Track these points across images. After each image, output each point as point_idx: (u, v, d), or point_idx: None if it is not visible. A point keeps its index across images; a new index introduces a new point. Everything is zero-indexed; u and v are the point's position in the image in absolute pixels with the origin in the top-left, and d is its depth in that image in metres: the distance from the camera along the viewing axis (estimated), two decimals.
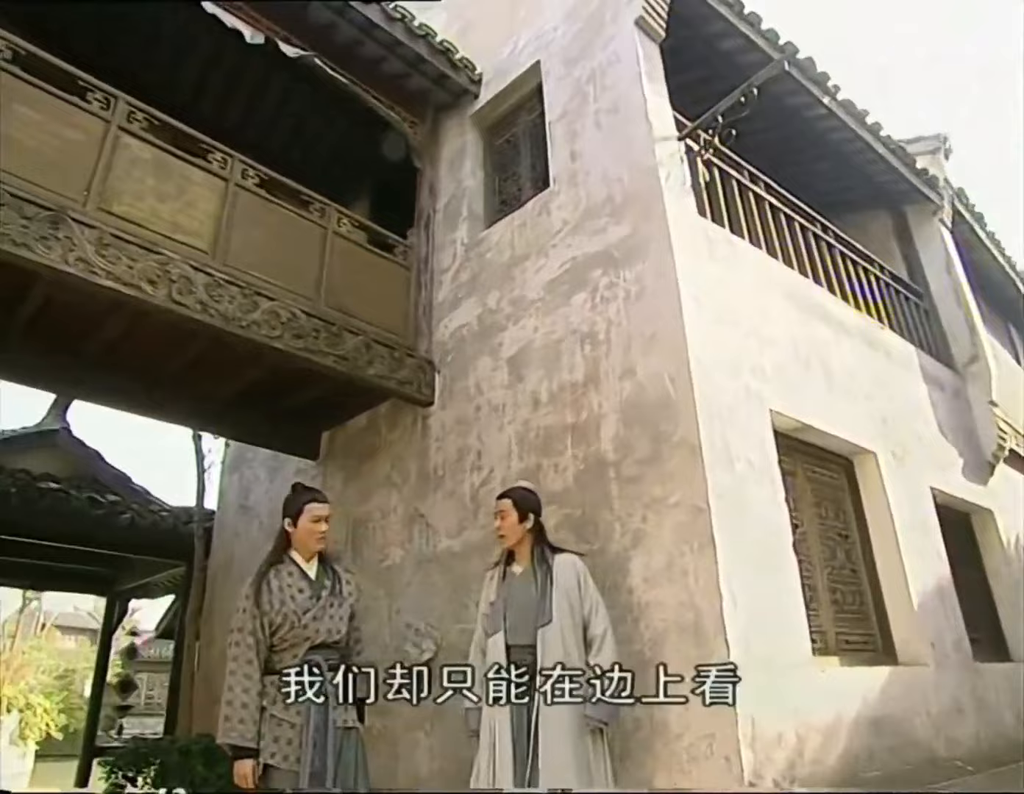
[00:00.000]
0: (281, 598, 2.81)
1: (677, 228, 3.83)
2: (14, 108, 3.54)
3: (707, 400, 3.50)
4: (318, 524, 2.94)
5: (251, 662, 2.69)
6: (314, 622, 2.82)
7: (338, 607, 2.95)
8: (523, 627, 3.06)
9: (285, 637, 2.78)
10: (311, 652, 2.79)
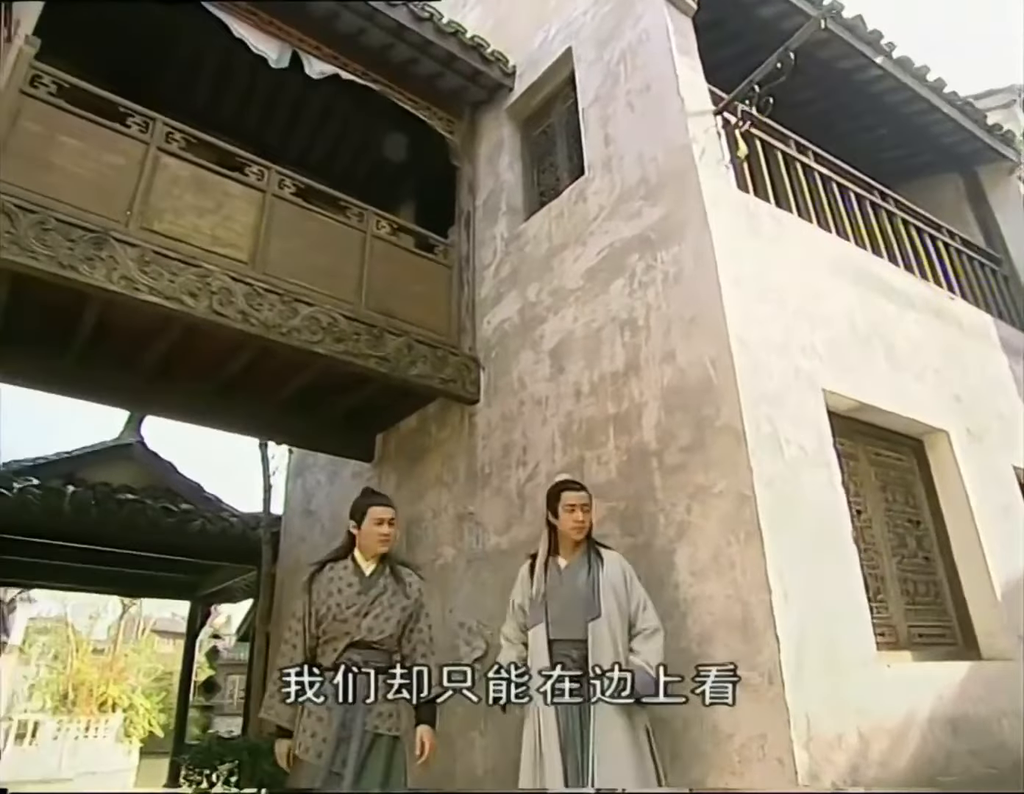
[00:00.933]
0: (329, 590, 2.88)
1: (714, 205, 3.66)
2: (59, 139, 3.71)
3: (751, 383, 3.32)
4: (380, 526, 2.99)
5: (295, 647, 2.82)
6: (355, 617, 2.82)
7: (389, 607, 2.94)
8: (570, 621, 2.99)
9: (326, 630, 2.82)
10: (352, 650, 2.79)
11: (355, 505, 3.12)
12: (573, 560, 3.14)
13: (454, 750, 4.31)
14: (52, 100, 3.74)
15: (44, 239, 3.45)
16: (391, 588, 3.01)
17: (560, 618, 3.01)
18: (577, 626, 2.97)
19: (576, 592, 3.04)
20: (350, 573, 2.95)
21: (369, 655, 2.83)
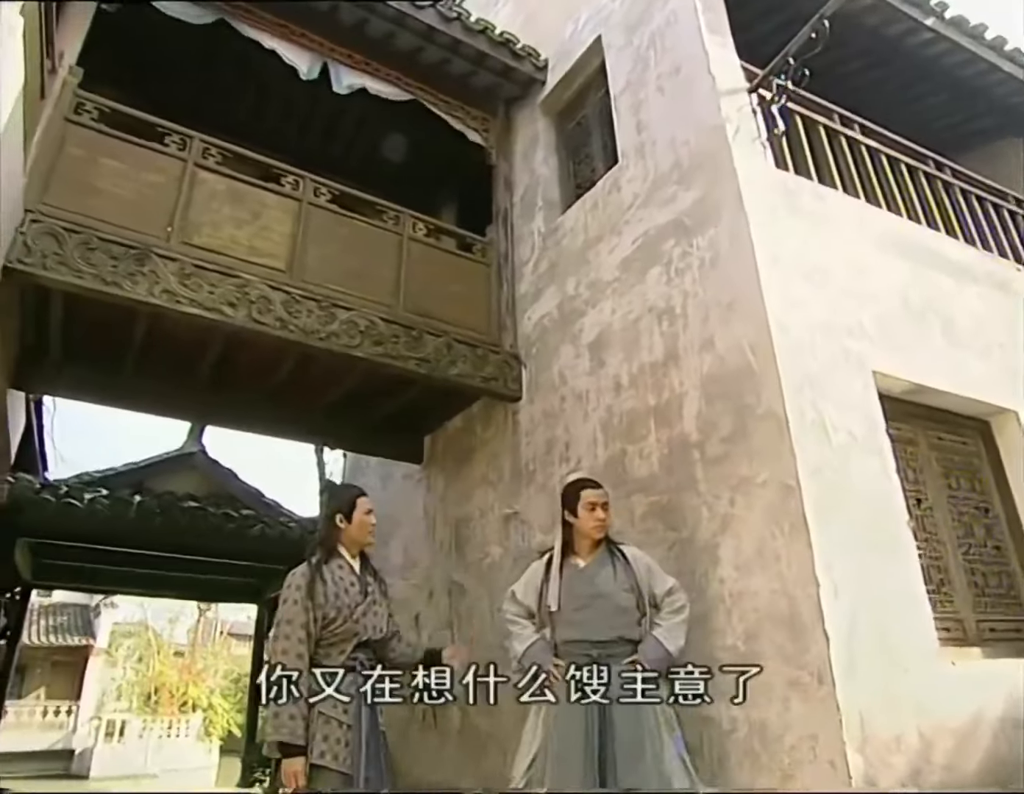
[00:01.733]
0: (335, 591, 2.77)
1: (749, 185, 3.52)
2: (101, 161, 3.86)
3: (794, 367, 3.18)
4: (369, 516, 2.97)
5: (301, 656, 2.62)
6: (364, 618, 2.80)
7: (379, 605, 2.92)
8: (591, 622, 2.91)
9: (336, 632, 2.73)
10: (356, 650, 2.76)
11: (340, 498, 3.06)
12: (592, 560, 3.06)
13: (505, 749, 4.28)
14: (94, 125, 3.89)
15: (89, 258, 3.58)
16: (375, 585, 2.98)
17: (579, 619, 2.94)
18: (600, 627, 2.90)
19: (599, 592, 2.96)
20: (347, 572, 2.88)
21: (369, 652, 2.83)
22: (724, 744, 2.98)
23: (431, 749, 5.04)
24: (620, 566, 3.01)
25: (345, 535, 2.92)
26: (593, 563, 3.02)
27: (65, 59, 3.88)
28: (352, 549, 2.93)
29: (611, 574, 2.99)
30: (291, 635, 2.65)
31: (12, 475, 6.28)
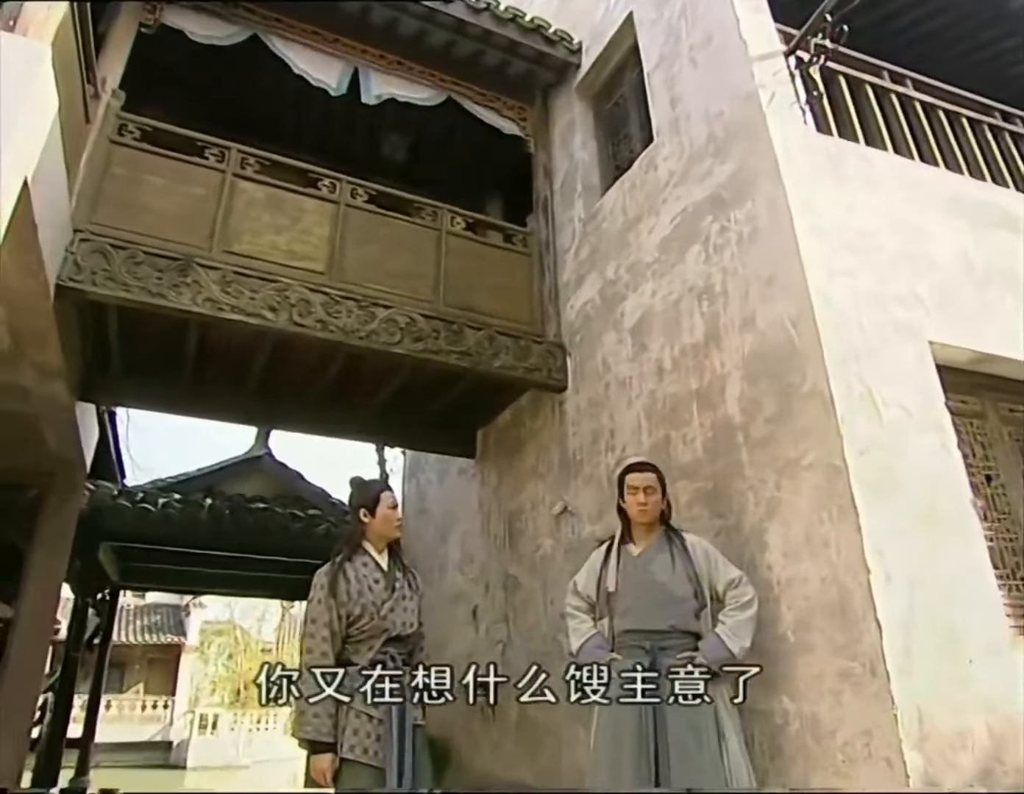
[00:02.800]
0: (359, 588, 2.77)
1: (787, 153, 3.34)
2: (144, 178, 4.01)
3: (839, 341, 3.00)
4: (394, 510, 2.96)
5: (326, 654, 2.65)
6: (391, 614, 2.79)
7: (410, 600, 2.91)
8: (645, 611, 2.83)
9: (363, 629, 2.74)
10: (386, 645, 2.76)
11: (361, 492, 3.03)
12: (647, 547, 2.98)
13: (560, 743, 4.24)
14: (137, 145, 4.04)
15: (135, 272, 3.73)
16: (404, 580, 2.96)
17: (633, 608, 2.87)
18: (653, 616, 2.81)
19: (653, 581, 2.87)
20: (372, 569, 2.87)
21: (399, 647, 2.81)
22: (776, 739, 2.85)
23: (491, 742, 5.05)
24: (678, 553, 2.90)
25: (370, 530, 2.92)
26: (648, 550, 2.94)
27: (108, 84, 4.05)
28: (378, 544, 2.93)
29: (668, 561, 2.89)
30: (315, 634, 2.69)
31: (93, 483, 6.64)
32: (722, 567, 2.90)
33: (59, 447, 5.18)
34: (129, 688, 18.91)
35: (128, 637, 18.43)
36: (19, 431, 4.90)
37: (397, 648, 2.77)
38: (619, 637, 2.82)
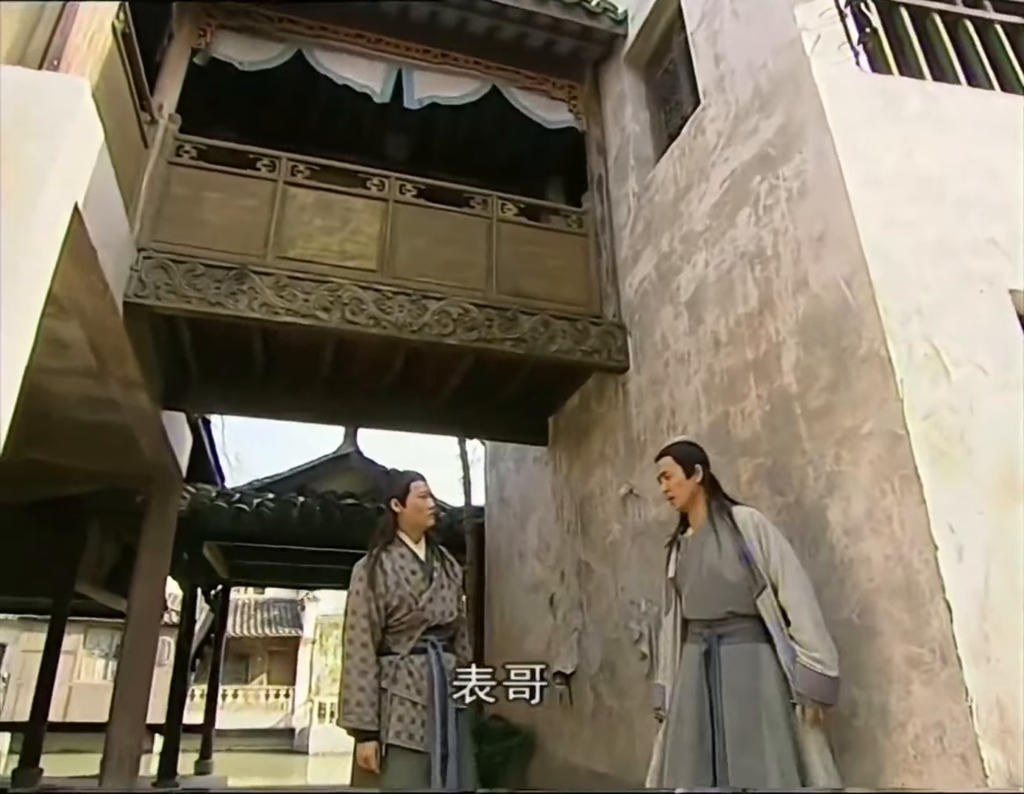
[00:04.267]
0: (396, 579, 2.80)
1: (834, 98, 3.08)
2: (202, 195, 4.21)
3: (898, 298, 2.74)
4: (425, 500, 2.96)
5: (366, 645, 2.70)
6: (430, 604, 2.82)
7: (448, 588, 2.92)
8: (703, 598, 2.70)
9: (402, 620, 2.77)
10: (426, 634, 2.79)
11: (393, 482, 3.07)
12: (698, 529, 2.83)
13: (633, 733, 4.14)
14: (193, 164, 4.25)
15: (195, 284, 3.92)
16: (443, 569, 2.96)
17: (691, 596, 2.75)
18: (708, 603, 2.67)
19: (702, 564, 2.72)
20: (409, 560, 2.89)
21: (440, 634, 2.84)
22: (844, 731, 2.64)
23: (570, 731, 5.01)
24: (727, 532, 2.71)
25: (403, 520, 2.95)
26: (699, 533, 2.79)
27: (164, 109, 4.28)
28: (413, 533, 2.94)
29: (715, 543, 2.72)
30: (355, 625, 2.75)
31: (193, 486, 7.10)
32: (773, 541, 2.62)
33: (153, 454, 5.56)
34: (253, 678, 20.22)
35: (250, 631, 19.71)
36: (118, 440, 5.30)
37: (437, 636, 2.81)
38: (686, 627, 2.73)
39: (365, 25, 4.94)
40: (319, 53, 4.84)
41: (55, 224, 2.76)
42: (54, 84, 2.82)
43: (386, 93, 4.91)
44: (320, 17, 4.86)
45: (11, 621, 14.93)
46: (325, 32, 4.88)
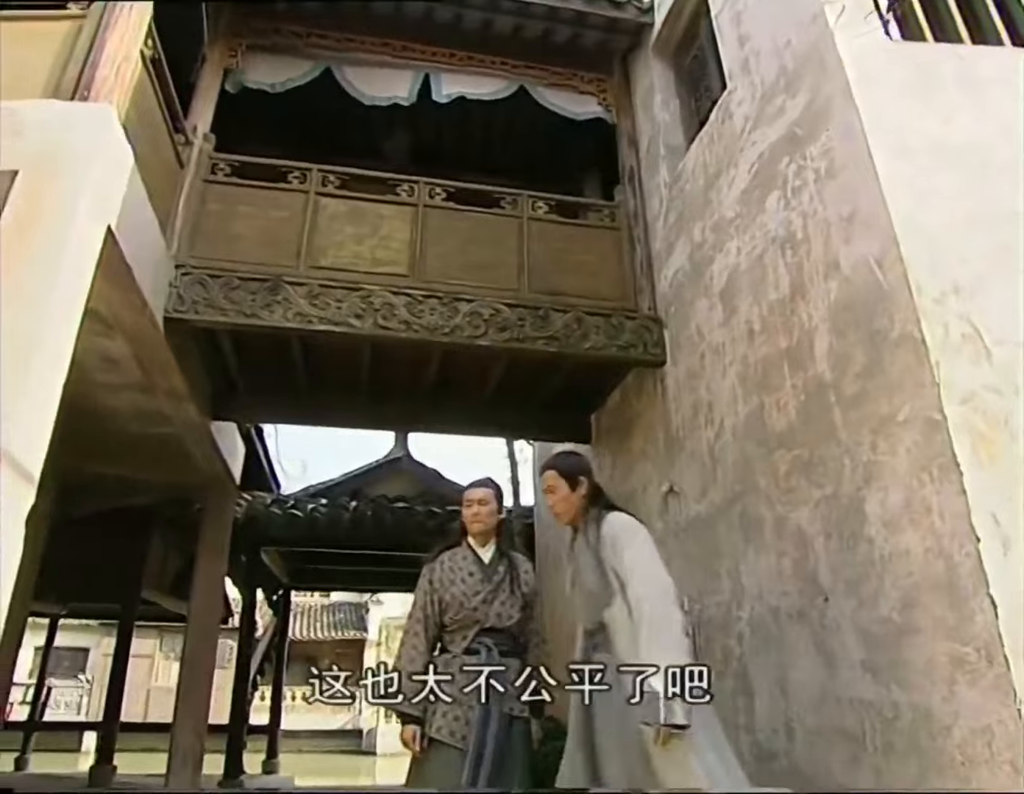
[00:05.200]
0: (451, 578, 2.88)
1: (860, 71, 2.95)
2: (236, 210, 4.33)
3: (932, 275, 2.59)
4: (469, 508, 3.03)
5: (418, 635, 2.80)
6: (483, 605, 2.83)
7: (510, 594, 2.92)
8: (581, 609, 2.69)
9: (456, 618, 2.83)
10: (482, 635, 2.81)
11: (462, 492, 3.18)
12: (580, 534, 2.71)
13: None
14: (228, 181, 4.38)
15: (231, 297, 4.04)
16: (510, 575, 2.98)
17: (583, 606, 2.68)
18: (583, 613, 2.65)
19: (577, 575, 2.65)
20: (469, 562, 2.96)
21: (499, 638, 2.84)
22: (887, 734, 2.52)
23: None
24: (591, 538, 2.58)
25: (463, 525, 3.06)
26: (578, 544, 2.70)
27: (199, 129, 4.42)
28: (478, 538, 3.01)
29: (587, 553, 2.61)
30: (411, 616, 2.89)
31: (250, 494, 7.32)
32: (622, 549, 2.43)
33: (206, 464, 5.76)
34: None
35: (316, 633, 20.21)
36: (173, 452, 5.51)
37: (495, 639, 2.81)
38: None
39: (390, 33, 5.00)
40: (347, 69, 4.93)
41: (88, 246, 2.88)
42: (82, 113, 2.96)
43: (413, 95, 4.98)
44: (347, 29, 4.95)
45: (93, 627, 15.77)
46: (352, 44, 4.97)
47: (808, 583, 3.04)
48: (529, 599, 2.99)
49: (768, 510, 3.38)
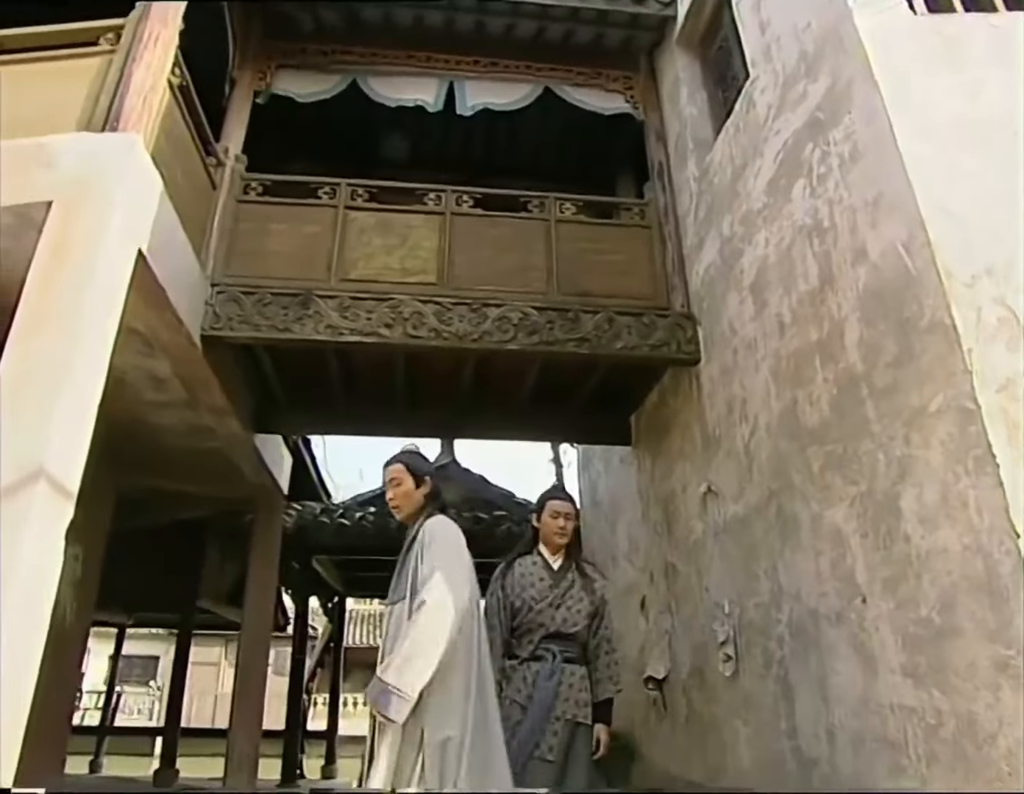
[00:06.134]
0: (522, 584, 2.97)
1: (881, 49, 2.83)
2: (268, 227, 4.45)
3: (963, 258, 2.47)
4: (556, 520, 3.09)
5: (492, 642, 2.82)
6: (548, 609, 2.90)
7: (578, 601, 2.98)
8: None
9: (523, 623, 2.91)
10: (547, 640, 2.86)
11: (537, 501, 3.25)
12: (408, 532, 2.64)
13: (722, 740, 3.95)
14: (260, 199, 4.50)
15: (264, 312, 4.14)
16: (579, 583, 3.05)
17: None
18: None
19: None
20: (540, 567, 3.03)
21: (564, 645, 2.90)
22: (930, 742, 2.40)
23: (665, 736, 4.84)
24: (415, 534, 2.53)
25: (541, 534, 3.12)
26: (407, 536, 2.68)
27: (231, 151, 4.56)
28: (549, 546, 3.06)
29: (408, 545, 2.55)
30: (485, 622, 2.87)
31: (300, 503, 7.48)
32: (429, 551, 2.35)
33: (253, 475, 5.92)
34: None
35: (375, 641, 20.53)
36: (220, 464, 5.69)
37: (560, 645, 2.84)
38: None
39: (413, 45, 5.06)
40: (372, 80, 5.00)
41: (119, 269, 2.99)
42: (110, 143, 3.08)
43: (439, 102, 5.01)
44: (370, 44, 5.03)
45: (161, 635, 16.38)
46: (376, 57, 5.04)
47: (846, 583, 2.92)
48: (599, 608, 3.01)
49: (804, 508, 3.27)
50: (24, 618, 2.43)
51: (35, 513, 2.48)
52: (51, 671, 4.93)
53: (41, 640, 2.51)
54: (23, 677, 2.43)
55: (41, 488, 2.50)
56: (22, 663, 2.42)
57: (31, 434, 2.54)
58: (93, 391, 2.82)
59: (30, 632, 2.47)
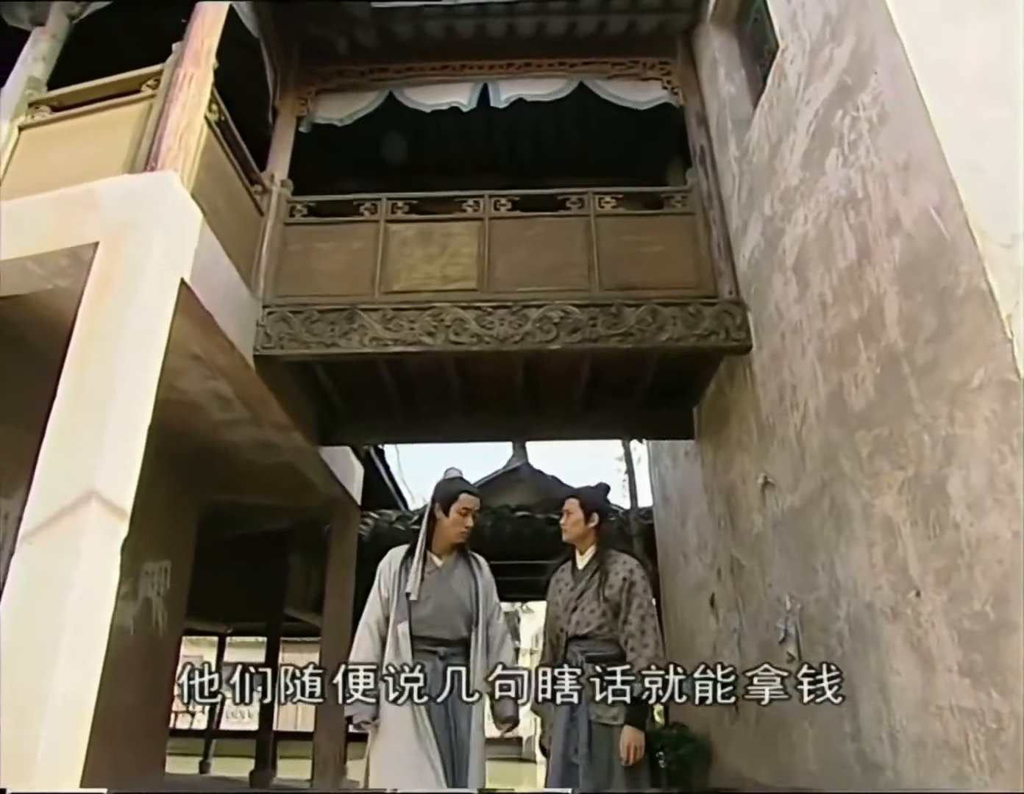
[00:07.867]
0: (557, 589, 2.98)
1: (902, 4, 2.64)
2: (314, 247, 4.62)
3: (999, 217, 2.26)
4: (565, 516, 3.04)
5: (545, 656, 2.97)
6: (565, 613, 2.88)
7: (592, 600, 2.87)
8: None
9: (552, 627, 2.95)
10: (571, 644, 2.84)
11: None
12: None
13: (791, 742, 3.77)
14: (305, 221, 4.68)
15: (312, 329, 4.30)
16: (596, 581, 2.91)
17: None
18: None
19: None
20: (568, 573, 3.00)
21: (588, 646, 2.83)
22: (991, 748, 2.20)
23: (738, 737, 4.67)
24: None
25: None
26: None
27: (276, 177, 4.76)
28: (580, 548, 3.00)
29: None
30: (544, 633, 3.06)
31: (377, 512, 7.71)
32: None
33: (325, 487, 6.15)
34: None
35: None
36: (291, 477, 5.95)
37: (580, 646, 2.83)
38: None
39: (446, 55, 5.13)
40: (408, 91, 5.11)
41: (160, 299, 3.18)
42: (147, 183, 3.29)
43: (472, 101, 5.09)
44: (405, 58, 5.14)
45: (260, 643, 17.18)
46: (411, 71, 5.15)
47: (899, 576, 2.74)
48: (615, 602, 2.84)
49: (855, 497, 3.09)
50: (83, 632, 2.62)
51: (89, 532, 2.67)
52: (146, 678, 5.31)
53: (101, 650, 2.70)
54: (85, 685, 2.61)
55: (94, 508, 2.70)
56: (83, 673, 2.60)
57: (82, 457, 2.74)
58: (141, 413, 3.00)
59: (89, 644, 2.65)
